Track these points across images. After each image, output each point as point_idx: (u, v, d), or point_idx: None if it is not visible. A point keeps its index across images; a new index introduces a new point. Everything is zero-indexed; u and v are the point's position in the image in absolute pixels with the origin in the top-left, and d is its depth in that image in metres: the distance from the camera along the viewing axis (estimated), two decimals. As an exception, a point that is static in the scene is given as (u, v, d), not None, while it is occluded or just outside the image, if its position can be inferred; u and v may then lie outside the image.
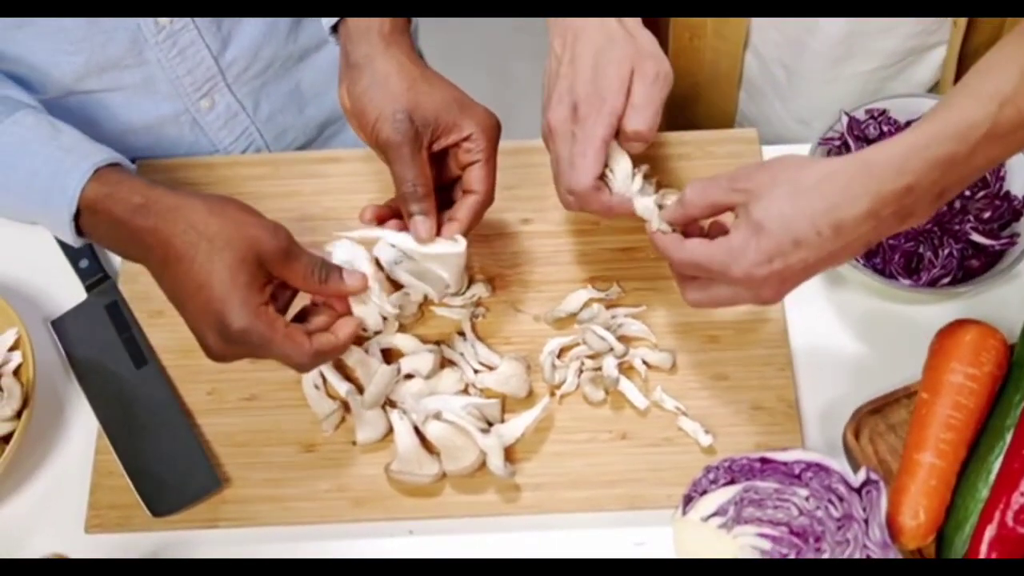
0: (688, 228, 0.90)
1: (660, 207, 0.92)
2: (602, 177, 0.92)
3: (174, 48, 1.09)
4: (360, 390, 0.99)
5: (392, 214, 0.97)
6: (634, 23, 0.94)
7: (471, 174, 0.95)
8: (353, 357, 0.99)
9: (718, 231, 0.89)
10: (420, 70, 0.95)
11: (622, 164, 0.94)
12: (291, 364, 0.89)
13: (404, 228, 0.95)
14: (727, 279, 0.84)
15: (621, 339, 1.01)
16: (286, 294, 0.92)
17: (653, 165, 1.10)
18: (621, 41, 0.93)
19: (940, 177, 0.80)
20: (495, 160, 0.96)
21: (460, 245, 0.94)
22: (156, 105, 1.13)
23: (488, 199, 0.96)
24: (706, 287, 0.87)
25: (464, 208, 0.95)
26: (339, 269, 0.92)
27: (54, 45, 1.04)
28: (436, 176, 0.96)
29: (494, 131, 0.96)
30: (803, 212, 0.81)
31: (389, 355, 1.02)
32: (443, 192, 0.98)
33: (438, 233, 0.94)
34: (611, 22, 0.93)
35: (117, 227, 0.90)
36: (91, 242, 0.95)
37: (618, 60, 0.92)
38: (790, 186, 0.82)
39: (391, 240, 0.95)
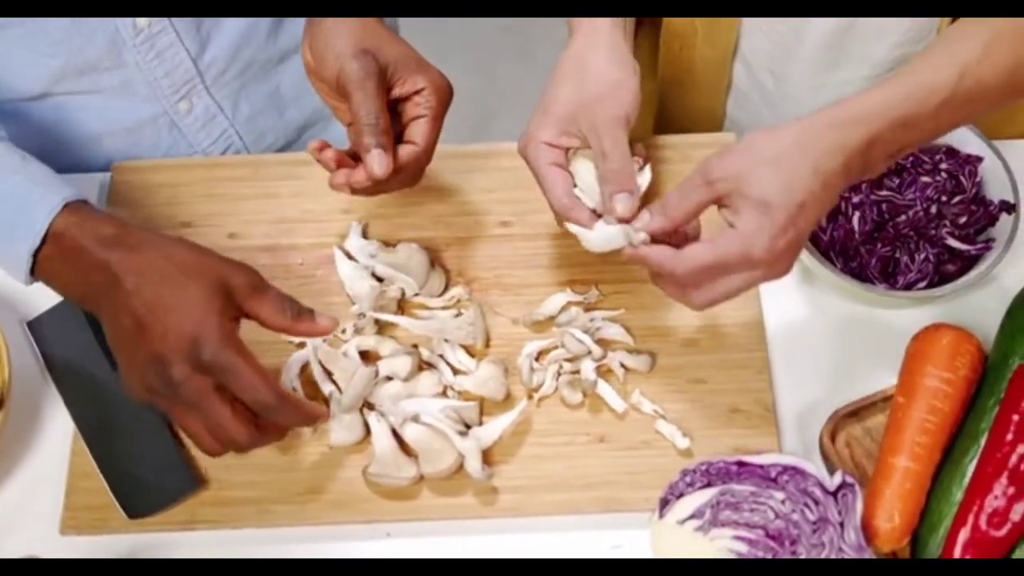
0: (658, 239, 0.90)
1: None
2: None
3: (152, 50, 1.08)
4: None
5: (344, 159, 0.97)
6: (607, 58, 0.96)
7: (415, 127, 0.96)
8: (331, 359, 0.99)
9: (682, 239, 0.90)
10: (380, 23, 0.96)
11: (583, 177, 0.95)
12: (251, 400, 0.85)
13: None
14: (749, 264, 0.84)
15: (599, 342, 1.01)
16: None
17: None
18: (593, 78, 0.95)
19: (899, 136, 0.85)
20: (441, 121, 0.97)
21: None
22: (134, 108, 1.13)
23: (425, 154, 0.97)
24: (713, 285, 0.87)
25: (401, 152, 0.95)
26: (310, 310, 0.90)
27: (32, 47, 1.03)
28: None
29: (446, 92, 0.97)
30: (797, 176, 0.83)
31: (367, 357, 1.02)
32: None
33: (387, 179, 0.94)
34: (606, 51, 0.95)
35: (80, 258, 0.87)
36: (41, 282, 0.91)
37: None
38: (772, 157, 0.84)
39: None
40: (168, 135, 1.16)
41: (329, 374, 1.01)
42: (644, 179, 0.96)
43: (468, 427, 0.98)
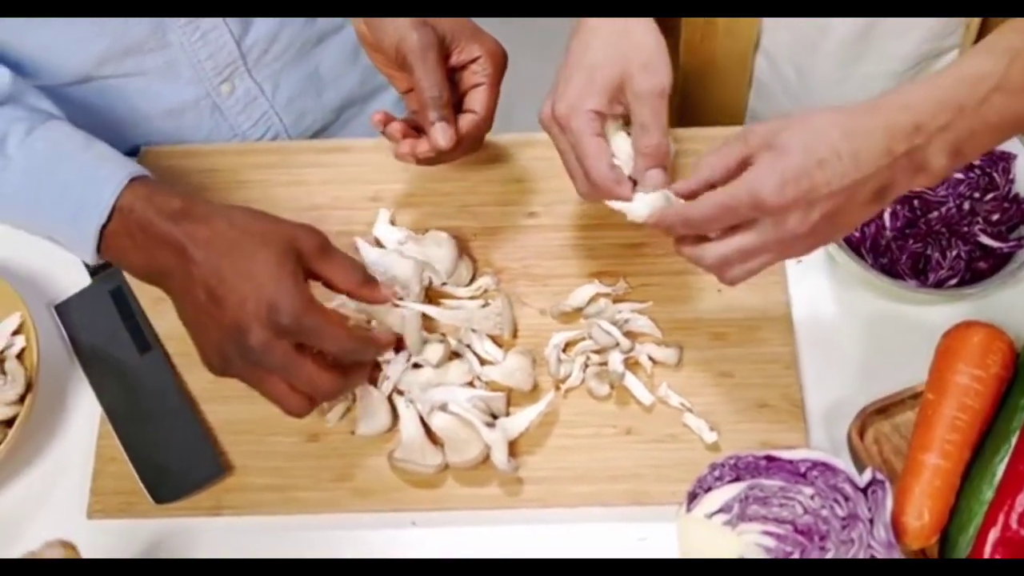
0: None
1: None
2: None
3: (197, 31, 1.08)
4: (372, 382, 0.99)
5: (405, 129, 0.99)
6: (644, 27, 0.93)
7: (474, 95, 0.98)
8: (390, 318, 1.00)
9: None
10: None
11: (621, 147, 0.94)
12: (337, 350, 0.88)
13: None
14: (759, 208, 0.81)
15: (627, 334, 1.01)
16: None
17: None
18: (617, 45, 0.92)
19: (949, 123, 0.80)
20: (499, 87, 0.99)
21: None
22: (177, 90, 1.13)
23: (486, 122, 0.99)
24: (729, 241, 0.84)
25: (462, 122, 0.98)
26: (373, 277, 0.92)
27: (77, 29, 1.03)
28: None
29: (502, 59, 0.99)
30: (822, 136, 0.81)
31: (399, 342, 1.01)
32: None
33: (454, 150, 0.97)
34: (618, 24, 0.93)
35: (147, 233, 0.88)
36: (107, 259, 0.92)
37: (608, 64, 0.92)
38: (805, 119, 0.82)
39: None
40: (210, 118, 1.16)
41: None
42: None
43: (495, 417, 0.98)
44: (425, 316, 1.02)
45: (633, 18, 0.93)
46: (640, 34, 0.92)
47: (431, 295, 1.05)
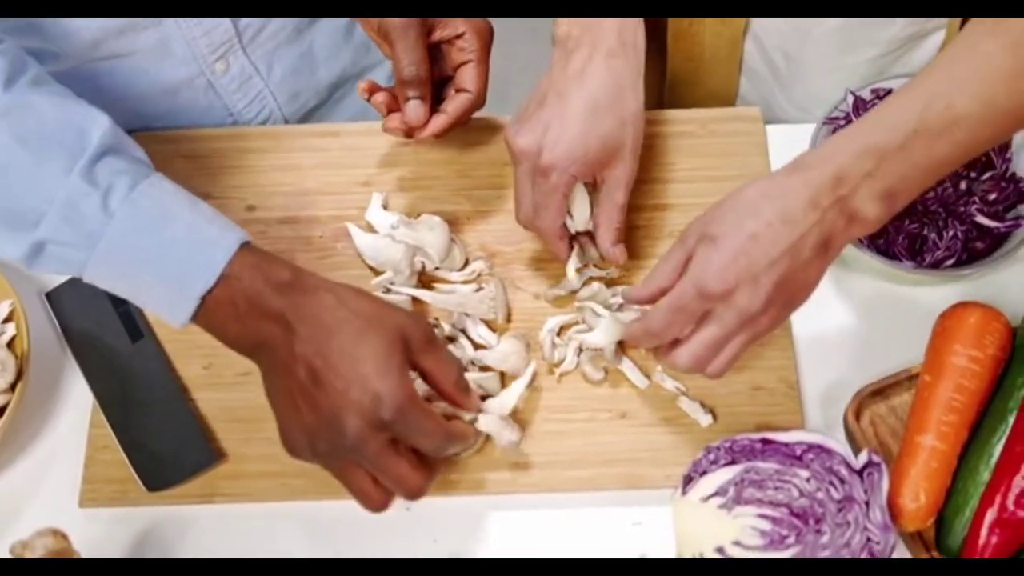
0: None
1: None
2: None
3: None
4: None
5: (390, 100, 1.00)
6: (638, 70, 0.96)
7: (464, 73, 0.99)
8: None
9: None
10: None
11: (581, 209, 0.99)
12: (431, 449, 0.83)
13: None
14: (706, 298, 0.83)
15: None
16: None
17: (654, 146, 1.09)
18: (613, 102, 0.94)
19: (873, 169, 0.81)
20: (487, 62, 0.99)
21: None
22: (171, 68, 1.11)
23: (479, 99, 1.00)
24: (695, 339, 0.85)
25: (454, 103, 0.99)
26: (467, 384, 0.88)
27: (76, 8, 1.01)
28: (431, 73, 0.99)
29: (487, 33, 0.99)
30: (750, 210, 0.83)
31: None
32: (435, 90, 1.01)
33: (425, 125, 0.99)
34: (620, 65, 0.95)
35: (252, 303, 0.82)
36: (200, 325, 0.85)
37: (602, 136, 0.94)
38: (733, 198, 0.84)
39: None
40: (204, 97, 1.15)
41: None
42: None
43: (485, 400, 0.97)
44: (418, 301, 1.02)
45: (636, 97, 0.95)
46: (641, 119, 0.96)
47: (424, 280, 1.04)
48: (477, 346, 1.00)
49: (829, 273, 1.03)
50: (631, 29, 0.96)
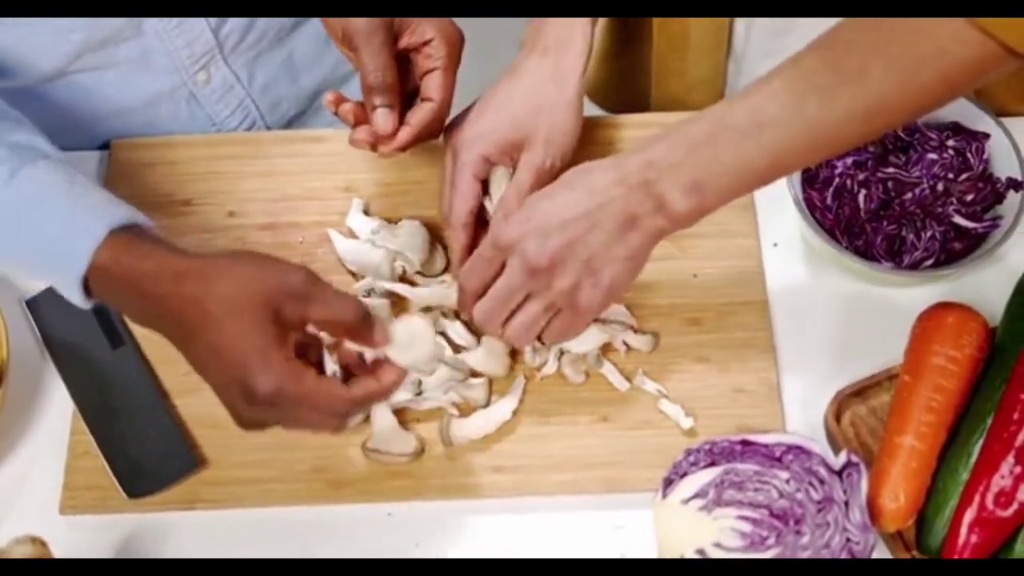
0: None
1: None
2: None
3: (172, 20, 1.07)
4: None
5: (358, 111, 0.98)
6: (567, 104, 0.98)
7: (430, 81, 0.97)
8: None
9: None
10: None
11: (499, 193, 0.99)
12: (324, 423, 0.82)
13: None
14: (496, 247, 0.87)
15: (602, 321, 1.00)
16: (316, 346, 0.84)
17: (622, 149, 1.10)
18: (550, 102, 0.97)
19: (682, 160, 0.83)
20: (454, 70, 0.97)
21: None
22: (152, 80, 1.11)
23: (443, 109, 0.97)
24: (492, 294, 0.89)
25: (419, 113, 0.97)
26: (373, 316, 0.83)
27: (52, 24, 1.00)
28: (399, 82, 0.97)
29: (456, 41, 0.97)
30: (561, 182, 0.87)
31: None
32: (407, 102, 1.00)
33: (393, 137, 0.96)
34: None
35: (130, 294, 0.83)
36: (102, 304, 0.87)
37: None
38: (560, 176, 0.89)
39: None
40: (186, 107, 1.15)
41: None
42: None
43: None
44: (396, 302, 1.02)
45: (562, 90, 0.97)
46: (562, 111, 0.97)
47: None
48: (457, 349, 1.00)
49: (808, 274, 1.04)
50: (573, 28, 0.98)
